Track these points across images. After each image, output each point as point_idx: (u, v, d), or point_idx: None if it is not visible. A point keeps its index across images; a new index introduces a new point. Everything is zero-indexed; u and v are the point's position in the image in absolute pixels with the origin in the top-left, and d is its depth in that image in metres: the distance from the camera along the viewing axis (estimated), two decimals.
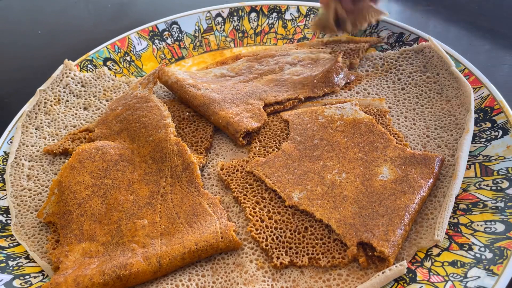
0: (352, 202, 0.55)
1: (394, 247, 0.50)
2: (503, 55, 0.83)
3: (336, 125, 0.64)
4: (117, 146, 0.65)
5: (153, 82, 0.73)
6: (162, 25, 0.88)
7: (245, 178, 0.61)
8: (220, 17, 0.89)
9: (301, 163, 0.60)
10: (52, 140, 0.71)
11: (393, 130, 0.64)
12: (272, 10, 0.88)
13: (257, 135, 0.66)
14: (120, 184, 0.60)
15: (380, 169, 0.58)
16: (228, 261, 0.55)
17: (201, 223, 0.55)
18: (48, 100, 0.75)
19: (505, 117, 0.61)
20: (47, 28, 1.06)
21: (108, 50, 0.84)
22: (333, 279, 0.51)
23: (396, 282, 0.51)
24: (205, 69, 0.81)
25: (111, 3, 1.12)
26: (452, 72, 0.68)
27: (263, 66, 0.77)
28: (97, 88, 0.77)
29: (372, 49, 0.79)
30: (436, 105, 0.67)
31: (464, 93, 0.65)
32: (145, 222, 0.56)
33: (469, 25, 0.90)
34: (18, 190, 0.64)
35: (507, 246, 0.49)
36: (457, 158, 0.58)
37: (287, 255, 0.53)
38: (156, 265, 0.52)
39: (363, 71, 0.75)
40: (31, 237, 0.59)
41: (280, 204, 0.57)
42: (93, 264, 0.52)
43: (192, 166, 0.61)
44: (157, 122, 0.66)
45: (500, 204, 0.54)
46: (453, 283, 0.48)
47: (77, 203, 0.58)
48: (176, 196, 0.59)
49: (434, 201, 0.56)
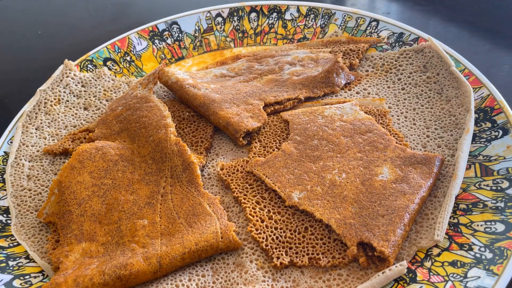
0: (352, 202, 0.55)
1: (394, 247, 0.50)
2: (503, 55, 0.83)
3: (336, 125, 0.64)
4: (117, 146, 0.65)
5: (153, 82, 0.73)
6: (162, 25, 0.88)
7: (245, 178, 0.61)
8: (220, 17, 0.89)
9: (301, 163, 0.60)
10: (52, 140, 0.71)
11: (393, 130, 0.64)
12: (272, 10, 0.88)
13: (257, 135, 0.66)
14: (120, 184, 0.60)
15: (380, 169, 0.58)
16: (228, 261, 0.55)
17: (201, 223, 0.55)
18: (48, 100, 0.75)
19: (505, 117, 0.61)
20: (47, 28, 1.06)
21: (108, 50, 0.84)
22: (333, 279, 0.51)
23: (396, 282, 0.51)
24: (205, 69, 0.81)
25: (111, 3, 1.12)
26: (452, 72, 0.68)
27: (263, 66, 0.77)
28: (97, 88, 0.77)
29: (372, 49, 0.79)
30: (436, 105, 0.67)
31: (464, 93, 0.65)
32: (145, 222, 0.56)
33: (469, 25, 0.90)
34: (18, 190, 0.64)
35: (507, 246, 0.49)
36: (457, 158, 0.58)
37: (287, 255, 0.53)
38: (156, 265, 0.52)
39: (363, 71, 0.75)
40: (31, 237, 0.59)
41: (280, 204, 0.57)
42: (93, 264, 0.52)
43: (192, 166, 0.61)
44: (157, 122, 0.66)
45: (500, 204, 0.54)
46: (453, 283, 0.48)
47: (77, 203, 0.58)
48: (176, 196, 0.59)
49: (434, 201, 0.56)
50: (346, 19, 0.83)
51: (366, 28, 0.81)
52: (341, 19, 0.84)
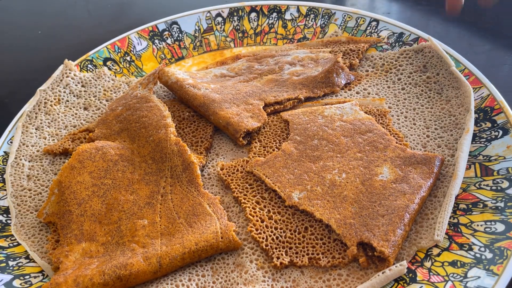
0: (352, 202, 0.55)
1: (394, 247, 0.50)
2: (503, 55, 0.83)
3: (336, 125, 0.64)
4: (117, 146, 0.65)
5: (153, 82, 0.73)
6: (162, 25, 0.88)
7: (245, 178, 0.61)
8: (220, 17, 0.89)
9: (301, 163, 0.60)
10: (52, 140, 0.71)
11: (393, 130, 0.64)
12: (272, 10, 0.88)
13: (257, 135, 0.66)
14: (120, 184, 0.60)
15: (380, 169, 0.58)
16: (228, 261, 0.55)
17: (201, 223, 0.55)
18: (48, 100, 0.75)
19: (505, 117, 0.61)
20: (47, 28, 1.06)
21: (108, 50, 0.84)
22: (333, 279, 0.51)
23: (396, 282, 0.51)
24: (205, 69, 0.81)
25: (111, 3, 1.12)
26: (452, 72, 0.68)
27: (263, 66, 0.77)
28: (97, 88, 0.77)
29: (372, 49, 0.79)
30: (436, 105, 0.67)
31: (464, 93, 0.65)
32: (145, 222, 0.56)
33: (469, 25, 0.90)
34: (18, 190, 0.64)
35: (507, 246, 0.49)
36: (457, 158, 0.58)
37: (287, 255, 0.53)
38: (156, 265, 0.52)
39: (363, 71, 0.75)
40: (31, 237, 0.59)
41: (280, 204, 0.57)
42: (93, 264, 0.52)
43: (192, 166, 0.61)
44: (157, 122, 0.66)
45: (500, 204, 0.54)
46: (453, 283, 0.48)
47: (77, 203, 0.58)
48: (176, 196, 0.59)
49: (434, 201, 0.56)
50: (346, 19, 0.83)
51: (366, 28, 0.81)
52: (341, 19, 0.84)
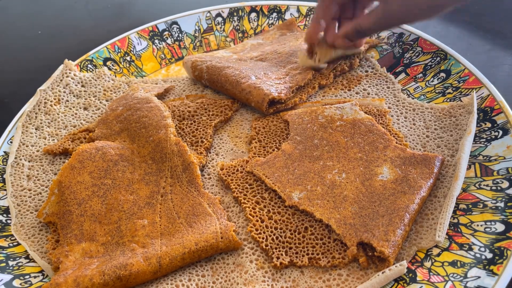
0: (352, 202, 0.55)
1: (394, 247, 0.50)
2: (503, 55, 0.83)
3: (336, 125, 0.64)
4: (117, 146, 0.65)
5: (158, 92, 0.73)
6: (162, 25, 0.88)
7: (245, 178, 0.61)
8: (220, 17, 0.89)
9: (301, 163, 0.60)
10: (52, 140, 0.71)
11: (393, 130, 0.64)
12: (272, 10, 0.88)
13: (257, 135, 0.66)
14: (120, 184, 0.60)
15: (380, 169, 0.58)
16: (228, 261, 0.55)
17: (201, 223, 0.55)
18: (48, 100, 0.75)
19: (505, 117, 0.61)
20: (47, 28, 1.06)
21: (108, 50, 0.84)
22: (333, 279, 0.51)
23: (396, 282, 0.51)
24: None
25: (111, 3, 1.12)
26: None
27: (295, 32, 0.83)
28: (97, 88, 0.77)
29: (372, 50, 0.79)
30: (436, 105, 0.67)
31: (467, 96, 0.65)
32: (145, 222, 0.56)
33: (469, 25, 0.90)
34: (18, 190, 0.64)
35: (507, 246, 0.49)
36: (459, 159, 0.58)
37: (287, 255, 0.53)
38: (156, 265, 0.52)
39: (363, 71, 0.75)
40: (31, 237, 0.59)
41: (280, 204, 0.57)
42: (93, 264, 0.52)
43: (192, 166, 0.61)
44: (157, 123, 0.66)
45: (500, 204, 0.54)
46: (453, 283, 0.48)
47: (77, 203, 0.58)
48: (176, 196, 0.59)
49: (434, 201, 0.56)
50: None
51: None
52: None
